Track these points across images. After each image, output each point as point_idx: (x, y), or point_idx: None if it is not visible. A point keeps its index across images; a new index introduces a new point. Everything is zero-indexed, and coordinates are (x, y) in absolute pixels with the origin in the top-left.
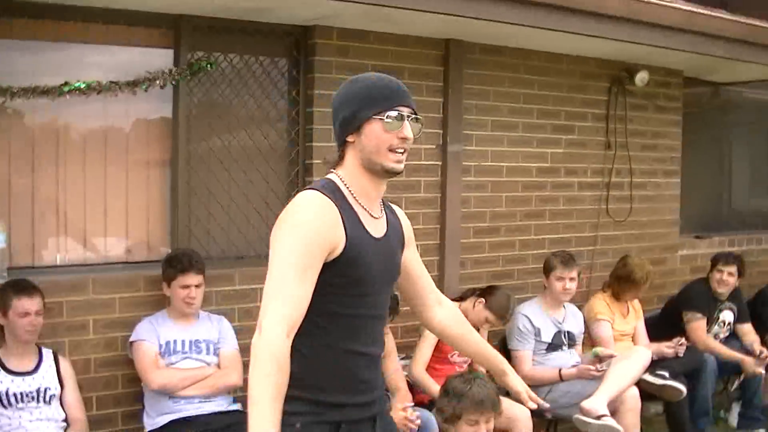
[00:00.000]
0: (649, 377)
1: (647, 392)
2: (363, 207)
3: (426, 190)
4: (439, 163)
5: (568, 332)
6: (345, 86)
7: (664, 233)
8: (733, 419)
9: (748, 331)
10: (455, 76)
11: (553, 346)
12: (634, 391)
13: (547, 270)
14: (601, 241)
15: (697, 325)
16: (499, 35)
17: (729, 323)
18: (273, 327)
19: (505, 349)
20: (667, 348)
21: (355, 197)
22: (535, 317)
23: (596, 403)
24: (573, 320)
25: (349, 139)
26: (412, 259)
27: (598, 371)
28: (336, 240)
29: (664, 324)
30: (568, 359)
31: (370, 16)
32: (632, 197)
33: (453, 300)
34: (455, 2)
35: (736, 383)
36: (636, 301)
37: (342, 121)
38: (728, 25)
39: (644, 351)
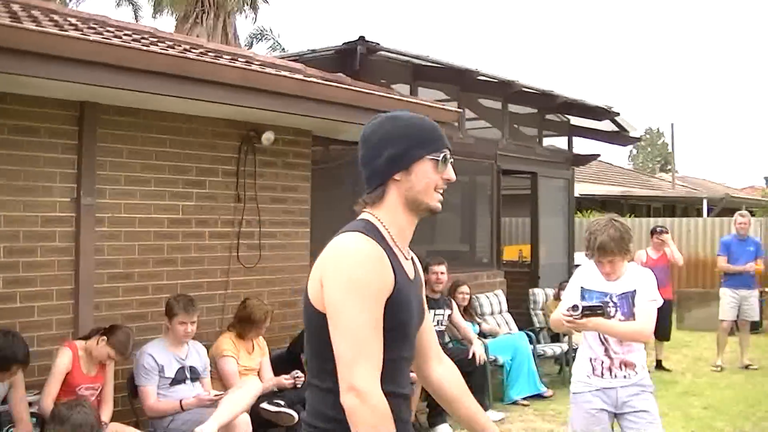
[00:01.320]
0: (266, 405)
1: (265, 419)
2: (399, 249)
3: (61, 239)
4: (73, 214)
5: (191, 367)
6: (386, 123)
7: (295, 278)
8: None
9: None
10: (89, 135)
11: (176, 381)
12: (246, 418)
13: (170, 313)
14: (233, 286)
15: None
16: (133, 98)
17: None
18: (374, 389)
19: (133, 385)
20: (285, 380)
21: (393, 239)
22: (159, 355)
23: (208, 429)
24: (196, 356)
25: (396, 177)
26: (424, 305)
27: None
28: (390, 286)
29: (289, 359)
30: (190, 391)
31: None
32: (262, 245)
33: (79, 338)
34: (78, 71)
35: None
36: (261, 339)
37: (390, 158)
38: (340, 92)
39: (255, 381)
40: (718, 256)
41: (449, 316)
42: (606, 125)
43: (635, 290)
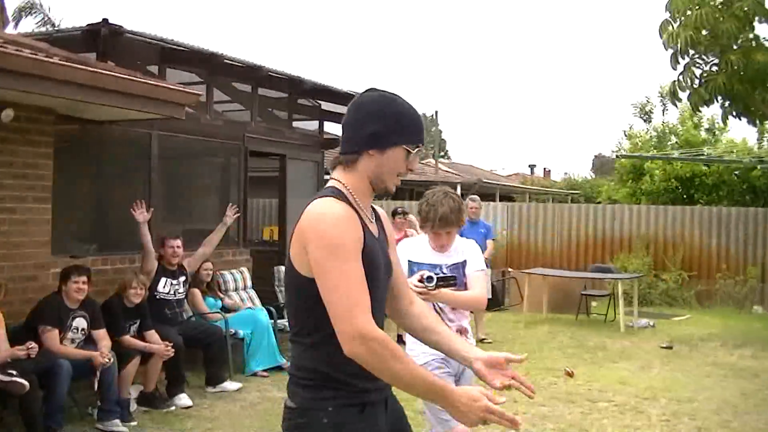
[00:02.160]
0: None
1: None
2: (364, 211)
3: None
4: None
5: None
6: (381, 101)
7: (36, 253)
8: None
9: (102, 336)
10: None
11: None
12: None
13: None
14: None
15: (49, 334)
16: None
17: (83, 329)
18: (375, 329)
19: None
20: (18, 351)
21: (357, 203)
22: None
23: None
24: None
25: (371, 152)
26: (394, 258)
27: None
28: (362, 241)
29: (26, 332)
30: None
31: None
32: (1, 220)
33: None
34: None
35: (96, 381)
36: None
37: (372, 134)
38: (79, 72)
39: None
40: None
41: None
42: None
43: (465, 261)
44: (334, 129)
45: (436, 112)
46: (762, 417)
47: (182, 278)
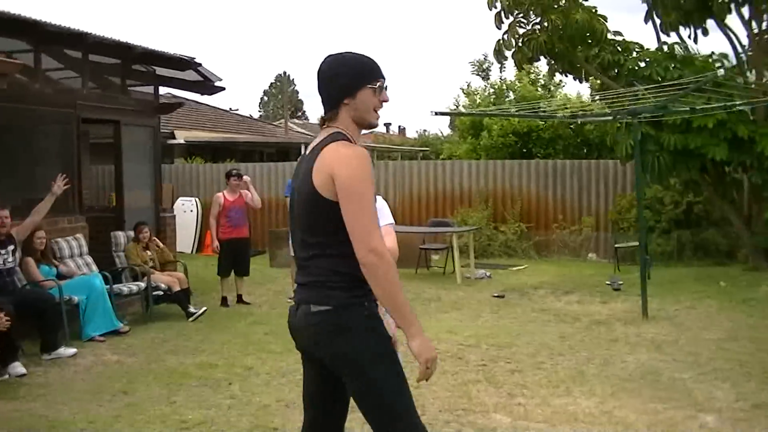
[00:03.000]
0: None
1: None
2: None
3: None
4: None
5: None
6: (336, 60)
7: None
8: None
9: None
10: None
11: None
12: None
13: None
14: None
15: None
16: None
17: None
18: (385, 249)
19: None
20: None
21: (355, 143)
22: None
23: None
24: None
25: (346, 101)
26: None
27: None
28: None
29: None
30: None
31: None
32: None
33: None
34: None
35: None
36: None
37: (341, 87)
38: None
39: None
40: (286, 197)
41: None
42: (190, 75)
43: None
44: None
45: (285, 73)
46: (574, 357)
47: (10, 247)
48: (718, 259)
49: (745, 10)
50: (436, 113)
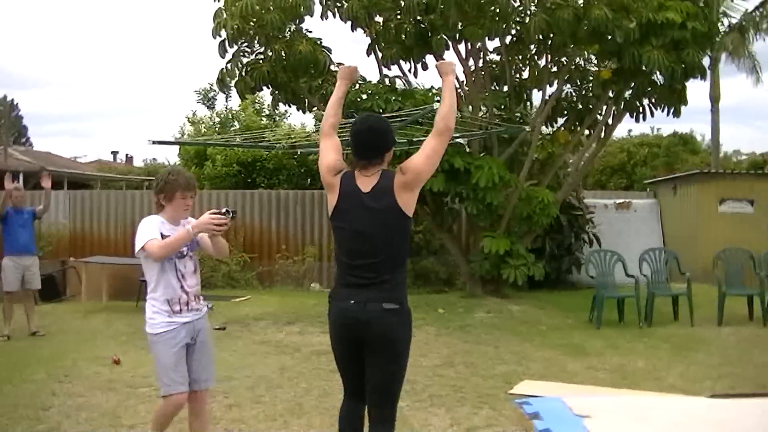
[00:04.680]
0: None
1: None
2: None
3: None
4: None
5: None
6: (386, 122)
7: None
8: None
9: None
10: None
11: None
12: None
13: None
14: None
15: None
16: None
17: None
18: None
19: None
20: None
21: None
22: None
23: None
24: None
25: (390, 150)
26: None
27: None
28: None
29: None
30: None
31: None
32: None
33: None
34: None
35: None
36: None
37: (392, 142)
38: None
39: None
40: None
41: None
42: None
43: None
44: None
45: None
46: (293, 389)
47: None
48: (437, 286)
49: (462, 48)
50: (154, 142)
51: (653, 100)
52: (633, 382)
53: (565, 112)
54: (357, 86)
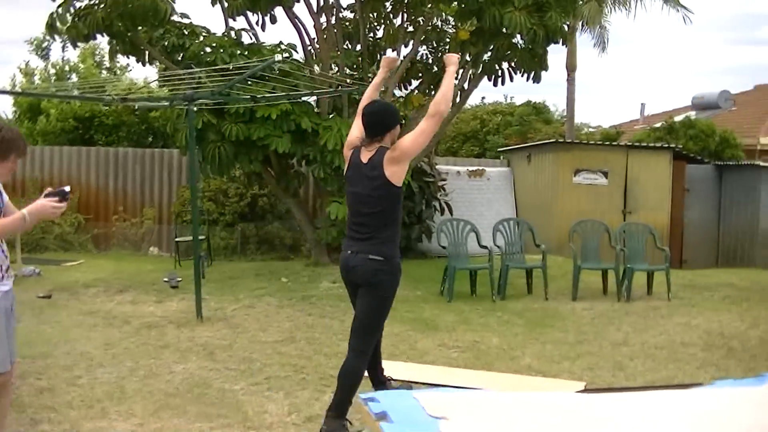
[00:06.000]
0: None
1: None
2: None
3: None
4: None
5: None
6: (387, 108)
7: None
8: None
9: None
10: None
11: None
12: None
13: None
14: None
15: None
16: None
17: None
18: None
19: None
20: None
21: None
22: None
23: None
24: None
25: (392, 130)
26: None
27: None
28: None
29: None
30: None
31: None
32: None
33: None
34: None
35: None
36: None
37: (392, 124)
38: None
39: None
40: None
41: None
42: None
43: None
44: None
45: None
46: (116, 369)
47: None
48: (282, 253)
49: (314, 1)
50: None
51: (513, 64)
52: (487, 362)
53: (420, 75)
54: (201, 38)
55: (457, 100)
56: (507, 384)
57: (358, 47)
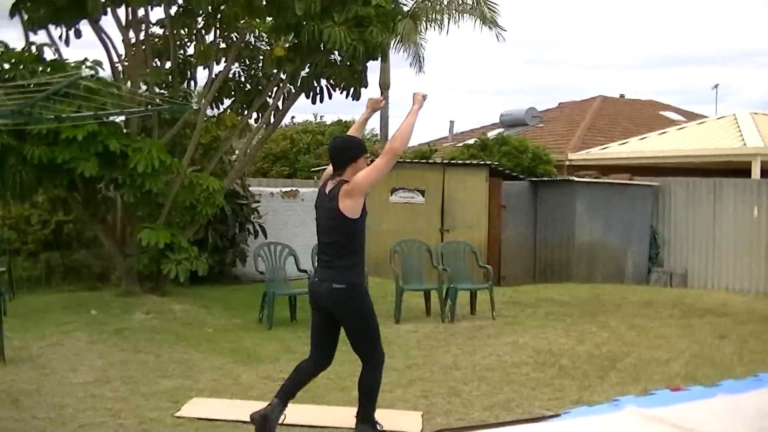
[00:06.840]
0: None
1: None
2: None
3: None
4: None
5: None
6: (347, 142)
7: None
8: None
9: None
10: None
11: None
12: None
13: None
14: None
15: None
16: None
17: None
18: None
19: None
20: None
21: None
22: None
23: None
24: None
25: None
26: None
27: None
28: None
29: None
30: None
31: None
32: None
33: None
34: None
35: None
36: None
37: (352, 158)
38: None
39: None
40: None
41: None
42: None
43: None
44: None
45: None
46: None
47: None
48: (90, 283)
49: (122, 13)
50: None
51: (332, 81)
52: (317, 394)
53: (233, 93)
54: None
55: (272, 119)
56: (346, 419)
57: (168, 64)
